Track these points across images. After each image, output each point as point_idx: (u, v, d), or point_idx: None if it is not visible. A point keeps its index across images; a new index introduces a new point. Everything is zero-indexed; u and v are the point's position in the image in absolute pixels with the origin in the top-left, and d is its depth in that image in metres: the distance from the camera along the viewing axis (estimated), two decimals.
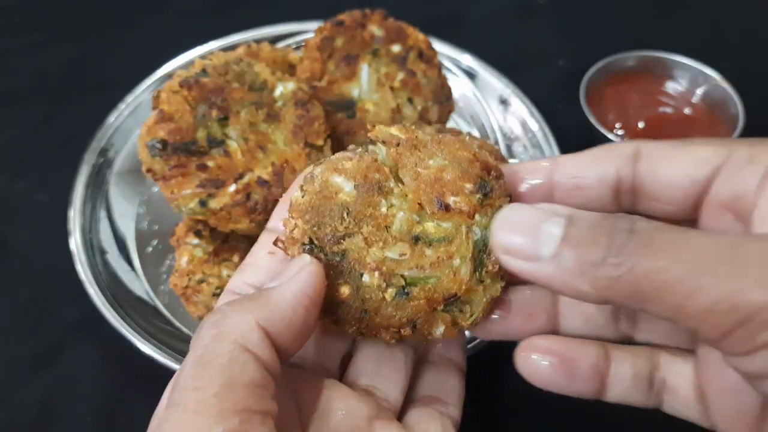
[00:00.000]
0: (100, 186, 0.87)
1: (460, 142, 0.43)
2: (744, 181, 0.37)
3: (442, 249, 0.41)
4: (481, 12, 1.25)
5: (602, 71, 1.00)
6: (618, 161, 0.41)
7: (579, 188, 0.43)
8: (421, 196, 0.41)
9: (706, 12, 1.26)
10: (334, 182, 0.41)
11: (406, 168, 0.42)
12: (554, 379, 0.43)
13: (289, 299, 0.38)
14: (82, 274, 0.76)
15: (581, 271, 0.34)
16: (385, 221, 0.41)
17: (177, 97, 0.67)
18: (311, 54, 0.79)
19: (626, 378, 0.43)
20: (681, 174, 0.40)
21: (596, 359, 0.43)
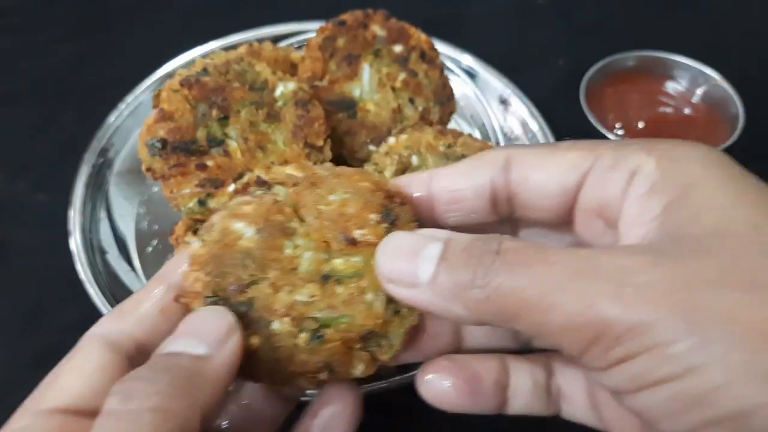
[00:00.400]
0: (100, 186, 0.87)
1: (359, 173, 0.42)
2: (608, 188, 0.37)
3: (353, 285, 0.40)
4: (482, 12, 1.26)
5: (602, 71, 1.00)
6: (491, 171, 0.41)
7: (456, 201, 0.42)
8: (325, 234, 0.40)
9: (706, 12, 1.26)
10: (234, 229, 0.39)
11: (306, 207, 0.40)
12: (459, 401, 0.42)
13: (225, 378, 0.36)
14: (82, 274, 0.76)
15: (454, 294, 0.34)
16: (292, 264, 0.39)
17: (177, 96, 0.67)
18: (313, 53, 0.79)
19: (526, 389, 0.43)
20: (551, 181, 0.39)
21: (497, 374, 0.43)
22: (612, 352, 0.30)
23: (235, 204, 0.41)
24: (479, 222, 0.43)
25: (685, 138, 0.99)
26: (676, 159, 0.35)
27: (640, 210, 0.35)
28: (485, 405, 0.43)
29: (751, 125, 0.91)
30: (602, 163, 0.38)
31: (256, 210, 0.40)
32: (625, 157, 0.37)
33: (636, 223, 0.35)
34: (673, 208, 0.33)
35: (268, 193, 0.41)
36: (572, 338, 0.31)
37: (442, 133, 0.76)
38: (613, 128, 0.97)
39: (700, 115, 0.99)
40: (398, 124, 0.81)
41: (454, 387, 0.42)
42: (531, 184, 0.40)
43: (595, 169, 0.38)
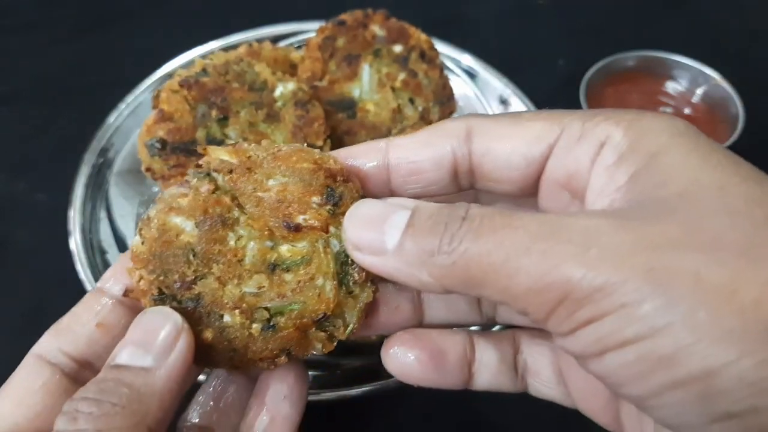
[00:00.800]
0: (100, 186, 0.87)
1: (297, 152, 0.40)
2: (576, 158, 0.36)
3: (302, 272, 0.39)
4: (482, 12, 1.26)
5: (602, 71, 1.00)
6: (451, 141, 0.40)
7: (416, 173, 0.41)
8: (268, 222, 0.39)
9: (706, 12, 1.26)
10: (173, 224, 0.38)
11: (245, 195, 0.39)
12: (424, 375, 0.42)
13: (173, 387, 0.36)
14: (82, 274, 0.76)
15: (420, 261, 0.34)
16: (236, 255, 0.38)
17: (177, 96, 0.67)
18: (312, 53, 0.79)
19: (492, 365, 0.43)
20: (515, 152, 0.38)
21: (462, 349, 0.43)
22: (577, 314, 0.30)
23: (171, 196, 0.39)
24: (439, 194, 0.42)
25: None
26: (644, 129, 0.35)
27: (607, 180, 0.35)
28: (450, 380, 0.43)
29: (751, 125, 0.91)
30: (569, 134, 0.37)
31: (193, 202, 0.39)
32: (592, 128, 0.36)
33: (602, 193, 0.35)
34: (640, 175, 0.33)
35: (205, 178, 0.39)
36: (537, 301, 0.31)
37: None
38: None
39: (700, 115, 0.99)
40: (398, 124, 0.81)
41: (419, 361, 0.42)
42: (494, 155, 0.39)
43: (562, 141, 0.37)
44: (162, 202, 0.39)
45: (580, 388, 0.41)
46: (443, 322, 0.46)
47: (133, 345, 0.37)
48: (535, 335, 0.45)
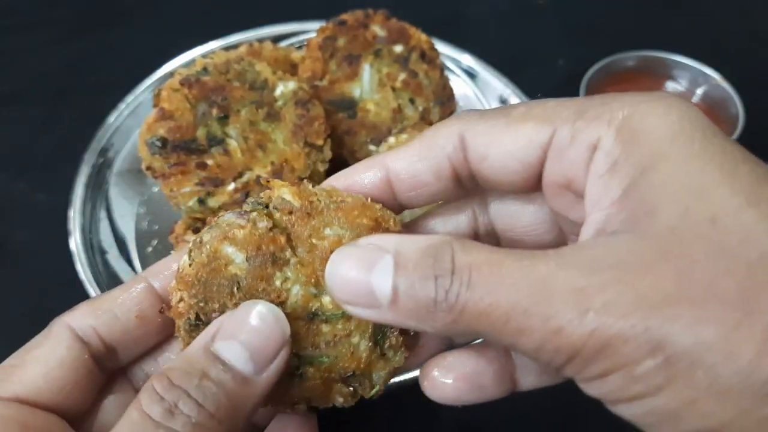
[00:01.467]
0: (100, 186, 0.87)
1: (360, 207, 0.40)
2: (571, 164, 0.35)
3: (340, 326, 0.39)
4: (482, 12, 1.26)
5: (602, 71, 1.00)
6: (445, 152, 0.39)
7: (419, 187, 0.40)
8: (316, 270, 0.38)
9: (706, 12, 1.26)
10: (225, 253, 0.38)
11: (300, 239, 0.39)
12: (467, 396, 0.41)
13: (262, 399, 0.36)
14: (82, 274, 0.75)
15: (419, 315, 0.33)
16: (279, 296, 0.38)
17: (178, 95, 0.67)
18: (313, 53, 0.79)
19: (531, 366, 0.42)
20: (511, 158, 0.37)
21: (499, 364, 0.42)
22: (587, 370, 0.30)
23: (228, 224, 0.39)
24: (448, 201, 0.41)
25: None
26: (638, 130, 0.33)
27: (602, 190, 0.33)
28: (494, 394, 0.42)
29: (751, 125, 0.91)
30: (561, 137, 0.35)
31: (249, 236, 0.38)
32: (583, 128, 0.34)
33: (598, 204, 0.34)
34: (631, 195, 0.32)
35: (264, 212, 0.39)
36: (548, 358, 0.31)
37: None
38: None
39: None
40: (398, 124, 0.81)
41: (457, 385, 0.41)
42: (491, 161, 0.38)
43: (555, 144, 0.36)
44: (217, 229, 0.39)
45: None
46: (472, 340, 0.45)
47: (239, 344, 0.35)
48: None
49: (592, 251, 0.32)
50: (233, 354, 0.35)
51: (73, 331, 0.40)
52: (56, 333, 0.40)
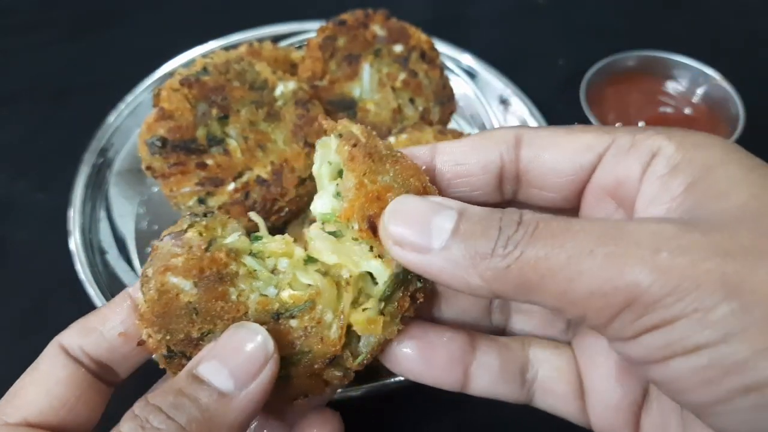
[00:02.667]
0: (100, 186, 0.87)
1: (414, 169, 0.40)
2: (627, 167, 0.37)
3: (307, 317, 0.39)
4: (482, 12, 1.26)
5: (602, 71, 1.00)
6: (500, 147, 0.40)
7: (463, 176, 0.41)
8: (354, 209, 0.38)
9: (706, 12, 1.26)
10: (171, 284, 0.38)
11: (354, 172, 0.38)
12: (413, 366, 0.42)
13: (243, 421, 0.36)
14: (82, 274, 0.75)
15: (471, 263, 0.33)
16: (239, 310, 0.38)
17: (177, 95, 0.67)
18: (313, 53, 0.79)
19: (493, 370, 0.42)
20: (565, 160, 0.39)
21: (459, 348, 0.42)
22: (644, 318, 0.29)
23: (165, 253, 0.39)
24: (481, 201, 0.42)
25: None
26: (696, 144, 0.35)
27: (660, 189, 0.35)
28: (442, 377, 0.42)
29: (752, 125, 0.91)
30: (620, 144, 0.37)
31: (189, 262, 0.38)
32: (644, 139, 0.36)
33: (655, 201, 0.35)
34: (697, 186, 0.33)
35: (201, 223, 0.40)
36: (598, 306, 0.30)
37: (442, 133, 0.76)
38: None
39: (701, 115, 0.99)
40: (398, 124, 0.81)
41: (409, 352, 0.42)
42: (543, 161, 0.39)
43: (612, 150, 0.38)
44: (158, 260, 0.39)
45: (603, 403, 0.40)
46: (451, 321, 0.45)
47: (218, 361, 0.36)
48: (550, 347, 0.44)
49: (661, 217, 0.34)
50: (212, 372, 0.36)
51: (63, 350, 0.42)
52: (51, 354, 0.42)
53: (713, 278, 0.28)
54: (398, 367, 0.42)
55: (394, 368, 0.42)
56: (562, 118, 0.95)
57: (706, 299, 0.28)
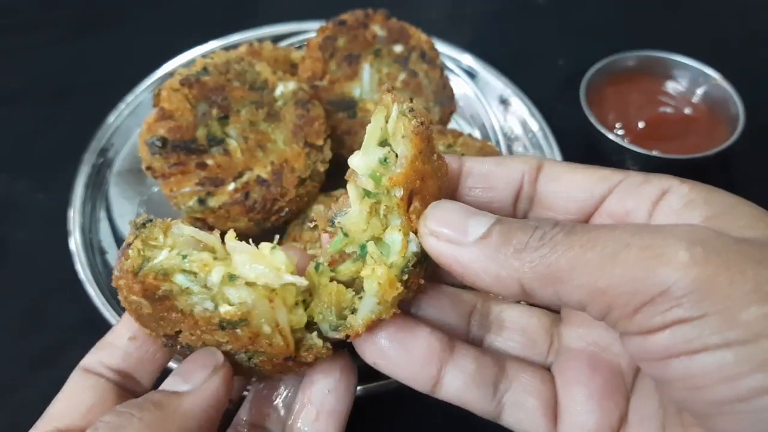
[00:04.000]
0: (100, 186, 0.87)
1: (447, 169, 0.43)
2: (638, 198, 0.39)
3: (246, 329, 0.41)
4: (482, 12, 1.26)
5: (602, 71, 1.00)
6: (524, 167, 0.43)
7: (485, 186, 0.44)
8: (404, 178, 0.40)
9: (706, 12, 1.26)
10: (132, 299, 0.41)
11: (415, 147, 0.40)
12: (390, 354, 0.42)
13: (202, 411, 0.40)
14: (82, 274, 0.75)
15: (504, 254, 0.35)
16: (189, 319, 0.41)
17: (178, 95, 0.67)
18: (313, 53, 0.79)
19: (467, 373, 0.42)
20: (579, 187, 0.42)
21: (436, 343, 0.42)
22: (674, 311, 0.30)
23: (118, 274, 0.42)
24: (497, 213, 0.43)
25: (685, 137, 0.99)
26: (709, 189, 0.37)
27: (675, 220, 0.36)
28: (413, 372, 0.42)
29: (752, 125, 0.91)
30: (632, 179, 0.40)
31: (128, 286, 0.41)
32: (655, 178, 0.39)
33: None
34: (717, 220, 0.34)
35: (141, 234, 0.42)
36: (629, 296, 0.31)
37: (442, 133, 0.76)
38: (613, 128, 0.96)
39: (701, 115, 0.99)
40: None
41: (382, 333, 0.42)
42: (559, 185, 0.42)
43: (626, 183, 0.40)
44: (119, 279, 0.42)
45: (578, 425, 0.41)
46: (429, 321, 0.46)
47: (175, 375, 0.41)
48: (527, 366, 0.44)
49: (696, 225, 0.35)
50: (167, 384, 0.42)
51: (85, 370, 0.45)
52: (75, 375, 0.45)
53: (747, 279, 0.29)
54: (373, 354, 0.42)
55: (369, 355, 0.43)
56: (562, 118, 0.96)
57: (739, 298, 0.29)
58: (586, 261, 0.32)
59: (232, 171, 0.68)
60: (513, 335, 0.47)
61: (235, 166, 0.69)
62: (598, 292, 0.32)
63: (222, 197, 0.68)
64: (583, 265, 0.32)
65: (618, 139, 0.93)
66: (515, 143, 0.95)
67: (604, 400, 0.41)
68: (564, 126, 0.94)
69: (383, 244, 0.41)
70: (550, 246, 0.34)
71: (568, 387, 0.42)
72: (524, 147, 0.94)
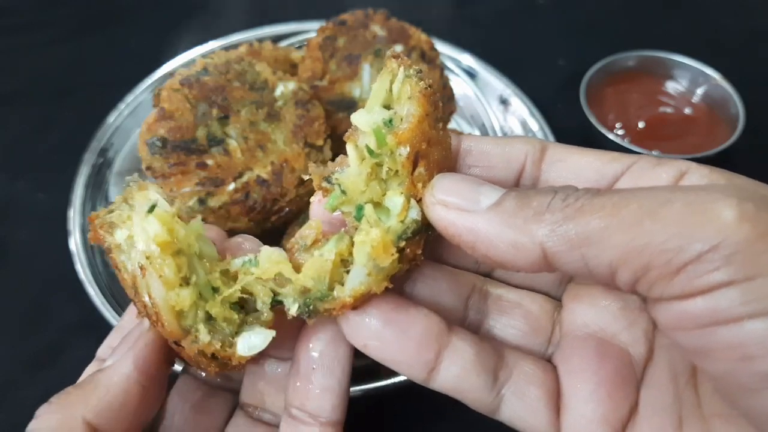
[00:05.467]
0: (100, 186, 0.87)
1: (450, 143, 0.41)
2: (656, 178, 0.36)
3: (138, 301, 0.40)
4: (482, 12, 1.26)
5: (602, 71, 1.00)
6: (527, 147, 0.40)
7: (484, 163, 0.41)
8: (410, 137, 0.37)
9: (706, 12, 1.26)
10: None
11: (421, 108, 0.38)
12: (384, 335, 0.37)
13: (119, 383, 0.39)
14: (82, 275, 0.75)
15: (523, 218, 0.32)
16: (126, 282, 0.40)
17: (178, 95, 0.67)
18: (313, 53, 0.79)
19: (466, 357, 0.38)
20: (589, 167, 0.39)
21: (435, 325, 0.38)
22: (723, 270, 0.27)
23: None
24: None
25: (685, 137, 0.99)
26: (729, 172, 0.34)
27: None
28: (409, 355, 0.38)
29: (752, 125, 0.91)
30: (646, 161, 0.37)
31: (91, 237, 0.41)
32: (671, 161, 0.36)
33: None
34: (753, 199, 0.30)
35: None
36: (672, 253, 0.28)
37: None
38: (614, 128, 0.96)
39: (701, 115, 0.99)
40: None
41: (375, 311, 0.38)
42: (566, 164, 0.39)
43: (638, 165, 0.37)
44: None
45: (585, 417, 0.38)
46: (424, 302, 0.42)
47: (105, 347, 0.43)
48: (527, 357, 0.41)
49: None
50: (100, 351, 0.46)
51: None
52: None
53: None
54: (364, 335, 0.38)
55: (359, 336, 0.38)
56: (562, 118, 0.96)
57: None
58: (621, 218, 0.29)
59: (232, 171, 0.68)
60: (513, 321, 0.43)
61: (235, 166, 0.69)
62: (634, 251, 0.29)
63: (222, 197, 0.67)
64: (618, 222, 0.29)
65: (618, 139, 0.93)
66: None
67: (613, 390, 0.38)
68: (564, 126, 0.94)
69: (382, 210, 0.39)
70: (577, 206, 0.31)
71: (573, 376, 0.39)
72: None
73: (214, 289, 0.41)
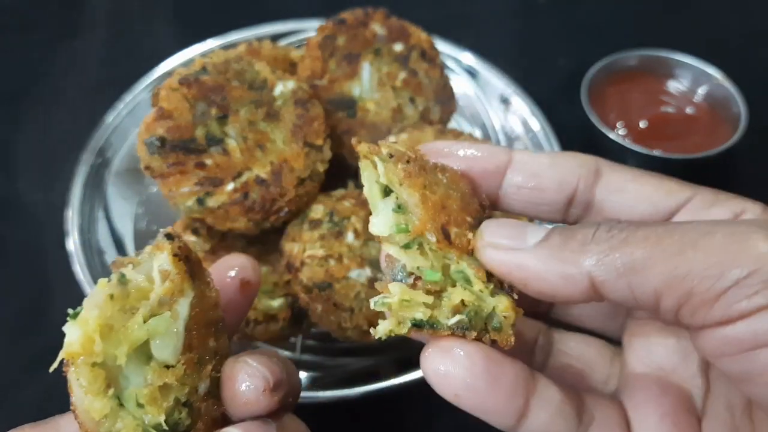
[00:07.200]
0: (99, 186, 0.86)
1: (460, 175, 0.41)
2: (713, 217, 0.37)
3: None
4: (482, 11, 1.25)
5: (604, 70, 1.00)
6: (581, 170, 0.41)
7: (533, 185, 0.41)
8: (427, 222, 0.38)
9: (707, 11, 1.26)
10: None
11: (415, 188, 0.38)
12: (473, 382, 0.36)
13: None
14: (80, 275, 0.75)
15: (569, 251, 0.34)
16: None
17: (176, 94, 0.66)
18: (312, 52, 0.79)
19: (553, 403, 0.38)
20: (644, 200, 0.40)
21: (523, 371, 0.38)
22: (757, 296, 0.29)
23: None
24: (546, 218, 0.42)
25: (687, 137, 0.99)
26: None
27: None
28: (500, 403, 0.37)
29: (754, 124, 0.91)
30: (702, 199, 0.38)
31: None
32: (726, 199, 0.38)
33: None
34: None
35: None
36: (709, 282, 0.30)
37: (443, 133, 0.76)
38: (615, 127, 0.96)
39: (702, 114, 0.99)
40: (398, 124, 0.80)
41: (469, 359, 0.36)
42: (622, 196, 0.40)
43: (694, 203, 0.38)
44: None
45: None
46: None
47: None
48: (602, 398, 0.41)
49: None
50: None
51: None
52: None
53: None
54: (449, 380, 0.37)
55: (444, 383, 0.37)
56: (564, 118, 0.95)
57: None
58: (664, 248, 0.31)
59: (231, 171, 0.68)
60: (578, 365, 0.45)
61: (234, 165, 0.68)
62: (677, 278, 0.31)
63: (221, 197, 0.67)
64: (661, 251, 0.31)
65: (619, 138, 0.92)
66: (516, 142, 0.94)
67: (677, 419, 0.39)
68: (565, 125, 0.93)
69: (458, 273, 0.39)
70: (621, 237, 0.32)
71: (639, 410, 0.40)
72: (525, 146, 0.93)
73: (139, 405, 0.40)
